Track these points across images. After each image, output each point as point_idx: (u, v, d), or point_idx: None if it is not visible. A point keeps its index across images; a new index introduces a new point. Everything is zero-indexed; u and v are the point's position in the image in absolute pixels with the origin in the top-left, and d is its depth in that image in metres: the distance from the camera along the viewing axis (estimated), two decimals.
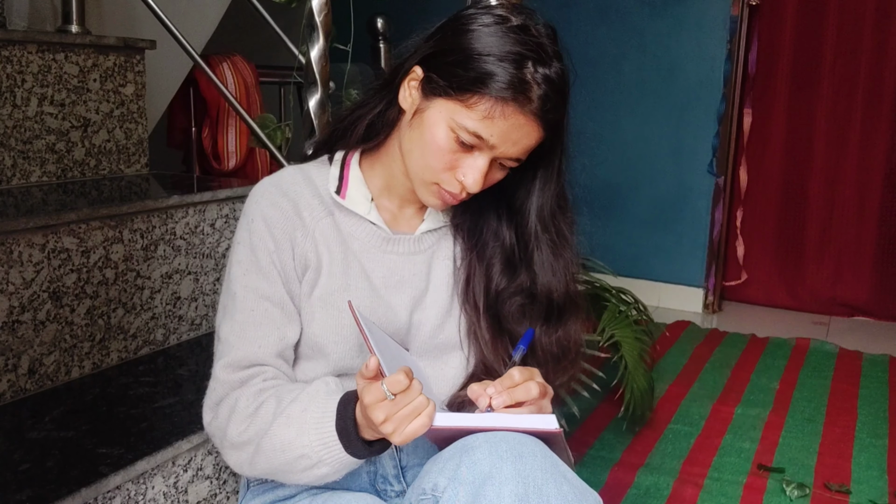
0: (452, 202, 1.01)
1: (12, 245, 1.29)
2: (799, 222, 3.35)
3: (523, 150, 0.97)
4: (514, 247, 1.07)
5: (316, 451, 0.91)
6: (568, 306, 1.07)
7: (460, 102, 0.93)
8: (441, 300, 1.07)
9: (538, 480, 0.83)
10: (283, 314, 1.02)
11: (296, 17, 1.81)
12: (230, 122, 2.71)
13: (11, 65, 1.63)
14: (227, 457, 1.01)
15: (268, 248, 1.02)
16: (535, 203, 1.05)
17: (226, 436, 0.98)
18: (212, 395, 1.02)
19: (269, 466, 0.96)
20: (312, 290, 1.04)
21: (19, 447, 1.14)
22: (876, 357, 2.76)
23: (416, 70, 0.99)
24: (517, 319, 1.06)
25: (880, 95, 3.13)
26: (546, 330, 1.06)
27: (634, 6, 3.33)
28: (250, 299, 1.01)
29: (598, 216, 3.46)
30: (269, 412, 0.95)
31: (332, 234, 1.05)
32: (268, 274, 1.02)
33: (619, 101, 3.42)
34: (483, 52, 0.93)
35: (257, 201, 1.05)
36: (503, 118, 0.92)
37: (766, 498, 1.80)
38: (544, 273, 1.06)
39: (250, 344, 1.01)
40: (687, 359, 2.70)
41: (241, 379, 1.00)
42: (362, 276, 1.05)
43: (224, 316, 1.03)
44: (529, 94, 0.92)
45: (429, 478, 0.87)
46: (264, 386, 0.99)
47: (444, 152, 0.96)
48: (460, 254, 1.09)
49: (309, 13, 1.63)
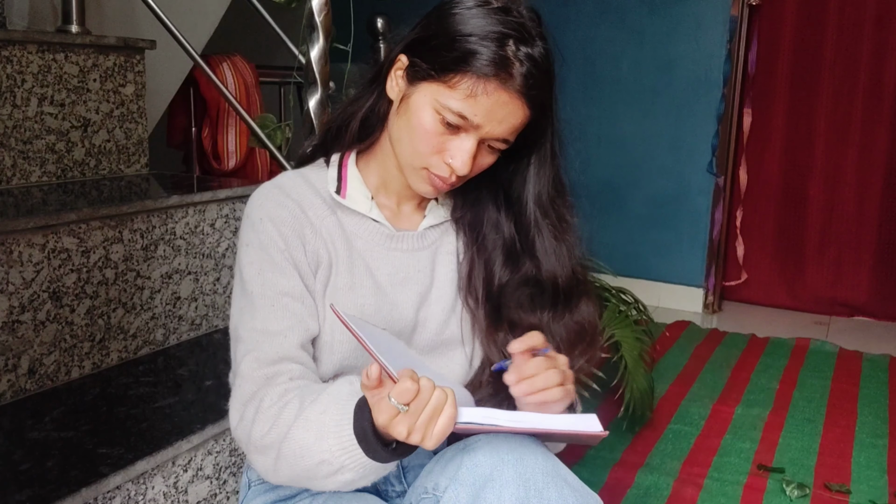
0: (443, 187, 1.00)
1: (12, 245, 1.29)
2: (799, 222, 3.35)
3: (510, 130, 0.96)
4: (515, 238, 1.07)
5: (336, 457, 0.86)
6: (575, 290, 1.06)
7: (443, 83, 0.94)
8: (445, 296, 1.07)
9: (539, 484, 0.83)
10: (304, 307, 1.00)
11: (296, 17, 1.81)
12: (230, 122, 2.71)
13: (11, 65, 1.63)
14: (254, 462, 0.96)
15: (278, 246, 1.00)
16: (531, 190, 1.05)
17: (250, 438, 0.94)
18: (239, 394, 0.97)
19: (292, 473, 0.91)
20: (325, 289, 1.03)
21: (19, 447, 1.14)
22: (876, 357, 2.76)
23: (402, 58, 1.00)
24: (527, 309, 1.05)
25: (880, 95, 3.13)
26: (555, 316, 1.05)
27: (634, 5, 3.33)
28: (269, 296, 0.99)
29: (598, 216, 3.46)
30: (291, 414, 0.91)
31: (337, 232, 1.04)
32: (283, 270, 1.00)
33: (618, 100, 3.42)
34: (465, 33, 0.93)
35: (261, 204, 1.03)
36: (486, 95, 0.92)
37: (766, 498, 1.80)
38: (548, 259, 1.05)
39: (274, 337, 0.98)
40: (687, 359, 2.70)
41: (267, 375, 0.96)
42: (367, 274, 1.05)
43: (242, 316, 1.00)
44: (511, 70, 0.92)
45: (430, 478, 0.87)
46: (290, 386, 0.95)
47: (431, 135, 0.96)
48: (462, 248, 1.09)
49: (309, 13, 1.63)
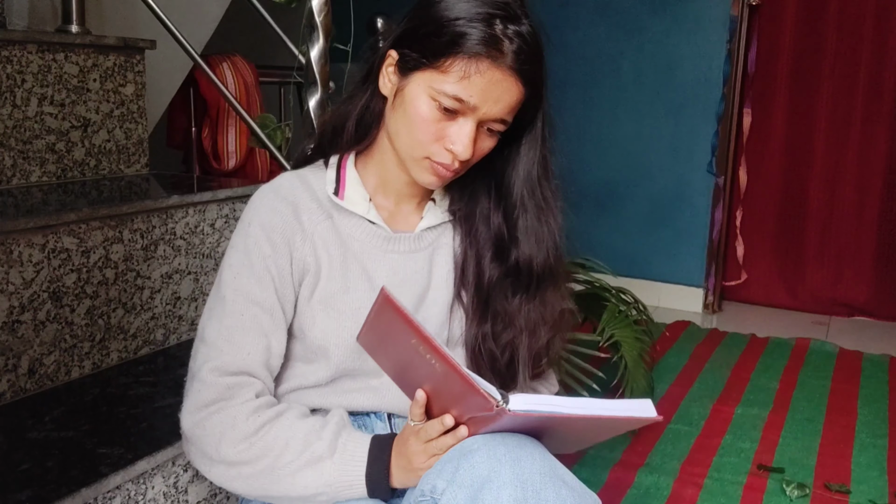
0: (447, 175, 1.00)
1: (12, 245, 1.29)
2: (799, 222, 3.35)
3: (506, 109, 0.97)
4: (503, 230, 1.07)
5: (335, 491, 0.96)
6: (546, 276, 1.07)
7: (436, 69, 0.95)
8: (443, 296, 1.08)
9: (536, 484, 0.83)
10: (272, 321, 1.02)
11: (296, 17, 1.81)
12: (230, 122, 2.71)
13: (11, 65, 1.63)
14: (207, 468, 0.99)
15: (263, 252, 1.02)
16: (521, 170, 1.05)
17: (218, 450, 0.97)
18: (197, 398, 0.99)
19: (266, 493, 0.97)
20: (312, 294, 1.04)
21: (19, 447, 1.14)
22: (876, 357, 2.76)
23: (391, 54, 1.00)
24: (507, 298, 1.06)
25: (880, 95, 3.13)
26: (527, 299, 1.06)
27: (633, 5, 3.33)
28: (240, 303, 1.01)
29: (598, 215, 3.47)
30: (279, 445, 0.96)
31: (330, 237, 1.05)
32: (260, 279, 1.01)
33: (617, 99, 3.42)
34: (452, 18, 0.94)
35: (256, 208, 1.05)
36: (479, 75, 0.93)
37: (766, 498, 1.80)
38: (527, 240, 1.06)
39: (238, 350, 1.00)
40: (687, 359, 2.70)
41: (228, 385, 0.98)
42: (363, 276, 1.05)
43: (210, 318, 1.02)
44: (501, 47, 0.93)
45: (427, 481, 0.87)
46: (260, 404, 0.99)
47: (429, 123, 0.96)
48: (459, 248, 1.10)
49: (309, 13, 1.63)
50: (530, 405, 0.84)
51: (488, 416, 0.85)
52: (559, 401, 0.86)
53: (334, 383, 1.05)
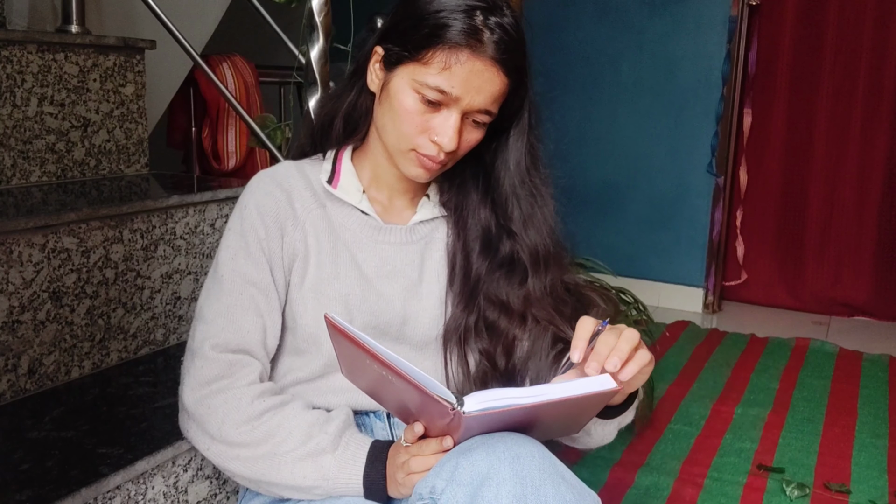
0: (433, 167, 1.01)
1: (12, 245, 1.30)
2: (799, 222, 3.35)
3: (489, 99, 0.97)
4: (492, 223, 1.08)
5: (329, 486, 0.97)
6: (550, 263, 1.07)
7: (418, 62, 0.96)
8: (435, 291, 1.08)
9: (536, 481, 0.83)
10: (267, 302, 1.03)
11: (296, 17, 1.81)
12: (230, 122, 2.72)
13: (11, 65, 1.63)
14: (206, 446, 1.00)
15: (258, 234, 1.04)
16: (510, 160, 1.06)
17: (220, 429, 0.97)
18: (199, 374, 1.00)
19: (262, 478, 0.98)
20: (303, 281, 1.05)
21: (19, 447, 1.14)
22: (876, 357, 2.76)
23: (377, 50, 1.02)
24: (503, 288, 1.06)
25: (880, 95, 3.13)
26: (535, 287, 1.06)
27: (633, 5, 3.33)
28: (238, 283, 1.03)
29: (598, 215, 3.47)
30: (282, 432, 0.97)
31: (322, 225, 1.06)
32: (256, 260, 1.03)
33: (617, 100, 3.42)
34: (433, 10, 0.96)
35: (252, 191, 1.07)
36: (460, 65, 0.94)
37: (766, 498, 1.80)
38: (525, 230, 1.06)
39: (238, 328, 1.01)
40: (687, 359, 2.70)
41: (230, 362, 1.00)
42: (352, 265, 1.06)
43: (208, 297, 1.04)
44: (482, 37, 0.94)
45: (426, 482, 0.87)
46: (265, 388, 1.00)
47: (414, 115, 0.98)
48: (450, 243, 1.11)
49: (309, 13, 1.63)
50: (486, 402, 0.83)
51: (452, 423, 0.85)
52: (516, 392, 0.85)
53: (334, 381, 1.05)
